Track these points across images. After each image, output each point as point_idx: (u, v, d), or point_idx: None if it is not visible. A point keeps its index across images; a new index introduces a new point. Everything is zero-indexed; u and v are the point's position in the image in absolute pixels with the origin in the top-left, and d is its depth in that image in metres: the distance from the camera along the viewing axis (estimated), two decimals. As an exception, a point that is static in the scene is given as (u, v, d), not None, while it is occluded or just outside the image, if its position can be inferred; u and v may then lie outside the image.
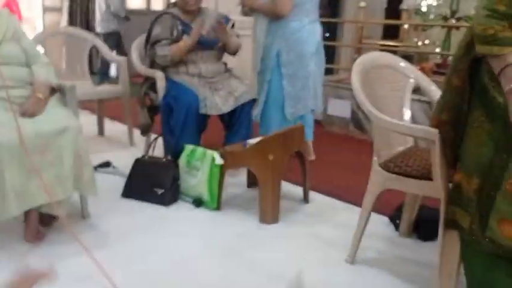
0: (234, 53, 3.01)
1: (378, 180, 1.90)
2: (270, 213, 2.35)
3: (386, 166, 1.87)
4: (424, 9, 5.72)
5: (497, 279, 1.42)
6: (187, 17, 2.92)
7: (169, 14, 2.91)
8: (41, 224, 2.10)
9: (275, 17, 2.97)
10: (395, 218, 2.34)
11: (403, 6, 5.28)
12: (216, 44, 2.93)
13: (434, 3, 5.71)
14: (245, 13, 3.43)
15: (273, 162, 2.32)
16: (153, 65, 2.95)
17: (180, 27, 2.87)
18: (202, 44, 2.87)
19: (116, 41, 5.92)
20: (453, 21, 5.18)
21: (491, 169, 1.37)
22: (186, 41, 2.81)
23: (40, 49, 2.63)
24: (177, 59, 2.83)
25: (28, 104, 2.03)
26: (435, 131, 1.60)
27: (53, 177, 1.96)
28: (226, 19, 3.03)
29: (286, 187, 2.61)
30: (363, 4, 4.63)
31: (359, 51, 4.64)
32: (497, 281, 1.42)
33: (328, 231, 2.30)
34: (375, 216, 2.14)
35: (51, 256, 1.95)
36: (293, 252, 2.10)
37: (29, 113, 2.01)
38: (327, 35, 6.82)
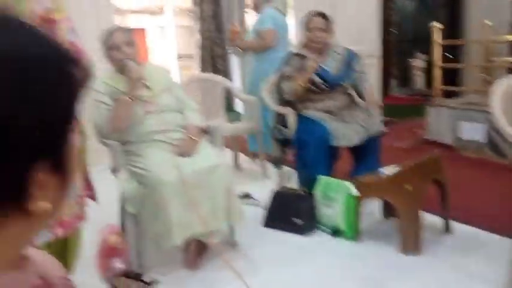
0: None
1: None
2: (411, 244, 2.33)
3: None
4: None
5: None
6: (316, 56, 2.98)
7: (297, 55, 3.04)
8: (197, 252, 2.33)
9: (264, 49, 3.70)
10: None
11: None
12: (343, 81, 2.99)
13: None
14: (235, 53, 4.17)
15: (412, 192, 2.31)
16: (283, 102, 3.13)
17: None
18: (329, 83, 2.95)
19: None
20: None
21: None
22: (303, 76, 2.87)
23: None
24: (299, 93, 2.92)
25: (184, 145, 2.30)
26: None
27: (208, 210, 2.18)
28: (353, 56, 3.04)
29: (425, 217, 2.56)
30: (487, 22, 4.42)
31: (488, 72, 4.42)
32: None
33: (473, 264, 2.21)
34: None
35: (208, 282, 2.16)
36: (436, 284, 2.06)
37: (185, 153, 2.27)
38: (451, 57, 6.58)
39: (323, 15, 3.01)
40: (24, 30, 0.41)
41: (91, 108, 2.27)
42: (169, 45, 7.13)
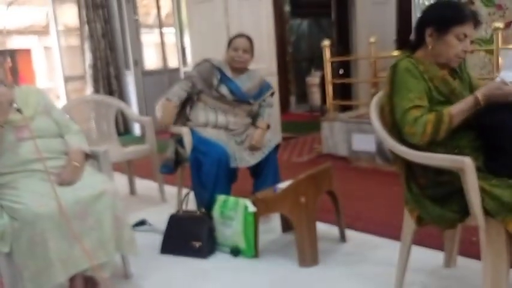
0: None
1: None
2: (308, 256, 2.34)
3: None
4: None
5: None
6: (231, 71, 3.03)
7: (209, 62, 3.04)
8: (85, 288, 2.14)
9: None
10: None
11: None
12: (250, 100, 3.02)
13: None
14: None
15: (306, 204, 2.33)
16: (179, 120, 3.06)
17: (219, 77, 2.98)
18: (238, 97, 2.97)
19: None
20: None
21: None
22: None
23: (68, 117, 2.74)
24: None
25: (65, 173, 2.11)
26: (464, 158, 1.58)
27: (95, 241, 2.01)
28: (268, 86, 3.16)
29: (322, 228, 2.60)
30: (372, 39, 4.72)
31: (375, 86, 4.70)
32: None
33: (370, 269, 2.27)
34: (416, 249, 2.10)
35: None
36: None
37: (66, 181, 2.08)
38: (341, 72, 6.95)
39: (248, 38, 3.08)
40: None
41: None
42: (56, 67, 6.74)
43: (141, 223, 2.97)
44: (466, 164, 1.57)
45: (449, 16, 1.77)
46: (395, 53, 6.41)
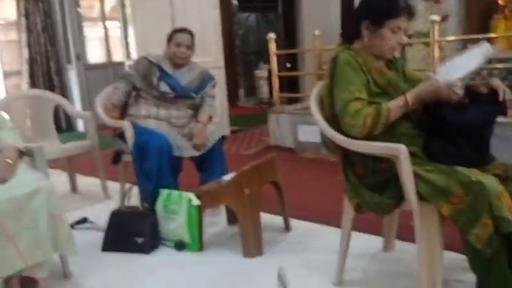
0: None
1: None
2: (253, 247, 2.35)
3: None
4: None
5: None
6: (170, 66, 2.96)
7: (146, 59, 2.96)
8: (22, 290, 2.05)
9: None
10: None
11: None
12: (192, 94, 2.98)
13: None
14: None
15: (250, 196, 2.34)
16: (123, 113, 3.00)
17: (158, 74, 2.91)
18: (177, 91, 2.91)
19: None
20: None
21: None
22: None
23: (4, 114, 2.61)
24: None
25: (-2, 170, 2.01)
26: (399, 146, 1.64)
27: (31, 241, 1.93)
28: (210, 78, 3.10)
29: (266, 218, 2.62)
30: (317, 32, 4.79)
31: (321, 78, 4.77)
32: None
33: (313, 257, 2.31)
34: (357, 235, 2.16)
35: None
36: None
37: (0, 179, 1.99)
38: (288, 65, 7.03)
39: (190, 33, 3.02)
40: None
41: None
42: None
43: (82, 221, 2.88)
44: (401, 151, 1.63)
45: (383, 10, 1.79)
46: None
